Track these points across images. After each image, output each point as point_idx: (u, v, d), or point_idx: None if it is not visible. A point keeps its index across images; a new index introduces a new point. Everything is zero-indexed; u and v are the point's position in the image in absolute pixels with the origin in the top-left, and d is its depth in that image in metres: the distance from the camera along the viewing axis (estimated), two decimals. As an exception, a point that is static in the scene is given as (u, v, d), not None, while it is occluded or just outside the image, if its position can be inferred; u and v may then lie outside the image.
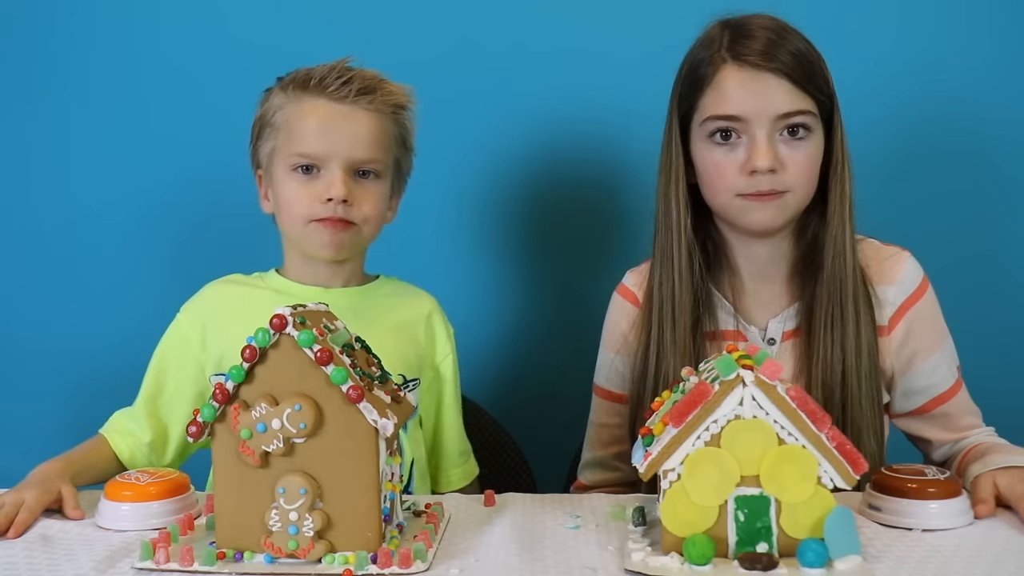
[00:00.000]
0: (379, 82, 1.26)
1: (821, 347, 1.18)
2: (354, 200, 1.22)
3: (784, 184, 1.14)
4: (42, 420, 1.76)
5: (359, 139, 1.23)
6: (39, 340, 1.77)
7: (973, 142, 1.67)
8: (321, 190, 1.21)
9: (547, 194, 1.73)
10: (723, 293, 1.25)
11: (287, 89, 1.26)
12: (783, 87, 1.13)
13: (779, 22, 1.17)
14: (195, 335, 1.27)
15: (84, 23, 1.73)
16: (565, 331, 1.72)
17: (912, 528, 0.92)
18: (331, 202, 1.21)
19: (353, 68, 1.26)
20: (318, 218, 1.22)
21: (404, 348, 1.28)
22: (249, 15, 1.71)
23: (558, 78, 1.69)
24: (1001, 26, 1.65)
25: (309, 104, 1.23)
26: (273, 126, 1.26)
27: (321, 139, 1.22)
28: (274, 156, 1.26)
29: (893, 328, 1.21)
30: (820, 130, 1.16)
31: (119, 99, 1.74)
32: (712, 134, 1.16)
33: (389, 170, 1.28)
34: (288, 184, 1.24)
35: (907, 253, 1.24)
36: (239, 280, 1.34)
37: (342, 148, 1.22)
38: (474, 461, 1.40)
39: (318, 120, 1.22)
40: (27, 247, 1.77)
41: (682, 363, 1.18)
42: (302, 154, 1.22)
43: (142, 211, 1.75)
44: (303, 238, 1.25)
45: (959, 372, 1.24)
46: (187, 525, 0.93)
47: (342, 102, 1.23)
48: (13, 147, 1.76)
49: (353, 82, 1.23)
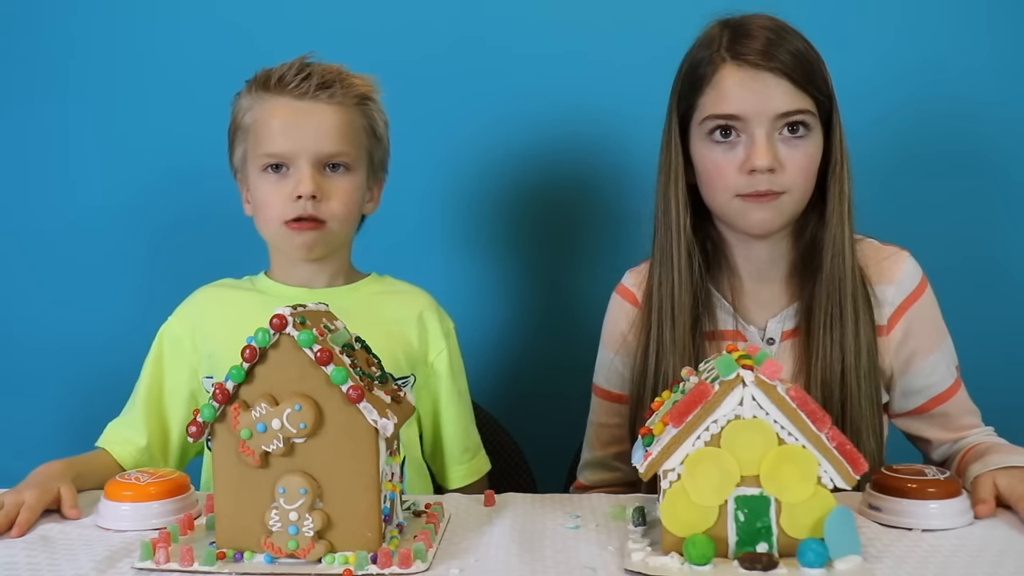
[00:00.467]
0: (339, 75, 1.26)
1: (820, 347, 1.18)
2: (324, 195, 1.23)
3: (782, 185, 1.14)
4: (40, 420, 1.76)
5: (324, 133, 1.23)
6: (36, 339, 1.77)
7: (973, 142, 1.67)
8: (291, 188, 1.22)
9: (545, 193, 1.73)
10: (722, 293, 1.25)
11: (252, 91, 1.27)
12: (782, 86, 1.13)
13: (778, 22, 1.17)
14: (186, 337, 1.28)
15: (84, 22, 1.73)
16: (565, 330, 1.72)
17: (912, 528, 0.92)
18: (300, 199, 1.22)
19: (313, 63, 1.26)
20: (289, 219, 1.23)
21: (392, 346, 1.27)
22: (248, 14, 1.71)
23: (555, 77, 1.69)
24: (1001, 26, 1.65)
25: (271, 104, 1.24)
26: (243, 129, 1.27)
27: (286, 137, 1.23)
28: (246, 159, 1.27)
29: (892, 328, 1.21)
30: (819, 130, 1.17)
31: (118, 99, 1.74)
32: (711, 132, 1.16)
33: (361, 162, 1.28)
34: (261, 186, 1.25)
35: (906, 253, 1.24)
36: (228, 284, 1.35)
37: (307, 144, 1.23)
38: (483, 457, 1.39)
39: (281, 119, 1.23)
40: (25, 246, 1.77)
41: (681, 363, 1.18)
42: (269, 154, 1.23)
43: (141, 210, 1.75)
44: (279, 240, 1.26)
45: (958, 372, 1.24)
46: (187, 525, 0.93)
47: (303, 98, 1.23)
48: (11, 146, 1.76)
49: (312, 77, 1.23)
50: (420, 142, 1.68)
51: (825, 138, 1.18)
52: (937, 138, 1.67)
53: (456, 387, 1.35)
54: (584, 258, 1.73)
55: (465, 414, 1.37)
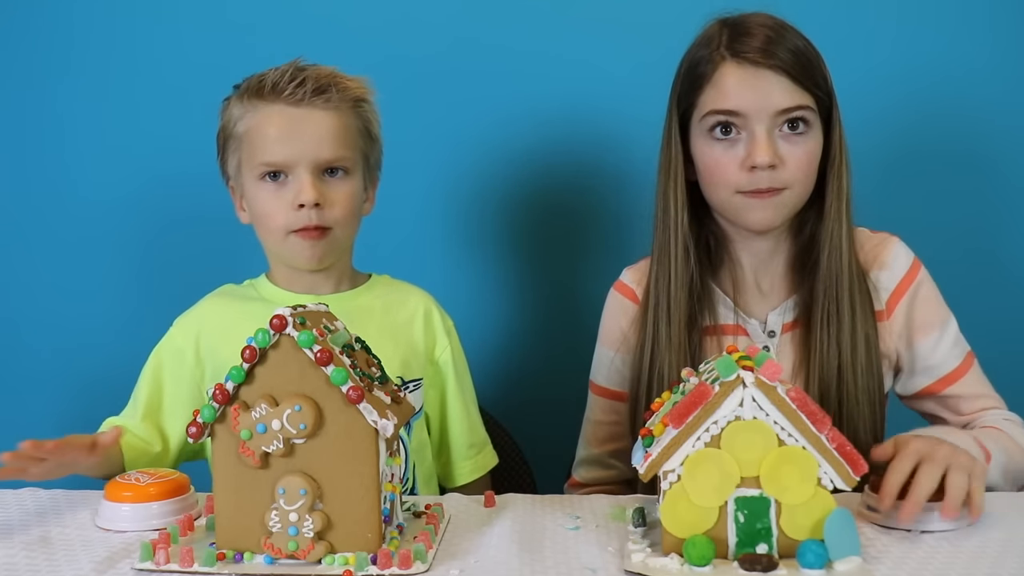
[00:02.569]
0: (334, 78, 1.24)
1: (817, 342, 1.19)
2: (326, 202, 1.21)
3: (783, 181, 1.15)
4: (39, 420, 1.75)
5: (322, 139, 1.22)
6: (37, 339, 1.77)
7: (973, 139, 1.67)
8: (292, 196, 1.21)
9: (545, 193, 1.73)
10: (723, 288, 1.26)
11: (243, 98, 1.24)
12: (782, 83, 1.14)
13: (777, 20, 1.18)
14: (189, 349, 1.26)
15: (84, 21, 1.73)
16: (565, 331, 1.72)
17: (911, 530, 0.92)
18: (304, 208, 1.20)
19: (306, 67, 1.24)
20: (294, 229, 1.22)
21: (402, 350, 1.28)
22: (247, 13, 1.71)
23: (556, 78, 1.69)
24: (1001, 25, 1.65)
25: (266, 111, 1.22)
26: (236, 137, 1.25)
27: (284, 145, 1.21)
28: (241, 168, 1.25)
29: (892, 311, 1.22)
30: (819, 126, 1.17)
31: (115, 99, 1.74)
32: (712, 129, 1.17)
33: (358, 165, 1.27)
34: (260, 195, 1.23)
35: (895, 238, 1.26)
36: (231, 292, 1.33)
37: (306, 151, 1.21)
38: (490, 451, 1.39)
39: (278, 126, 1.21)
40: (27, 245, 1.77)
41: (678, 359, 1.19)
42: (267, 163, 1.21)
43: (142, 210, 1.75)
44: (283, 250, 1.25)
45: (969, 354, 1.24)
46: (187, 526, 0.93)
47: (299, 105, 1.21)
48: (10, 144, 1.76)
49: (307, 83, 1.21)
50: (420, 142, 1.67)
51: (825, 135, 1.18)
52: (937, 135, 1.67)
53: (460, 382, 1.35)
54: (584, 258, 1.73)
55: (470, 408, 1.37)
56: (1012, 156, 1.67)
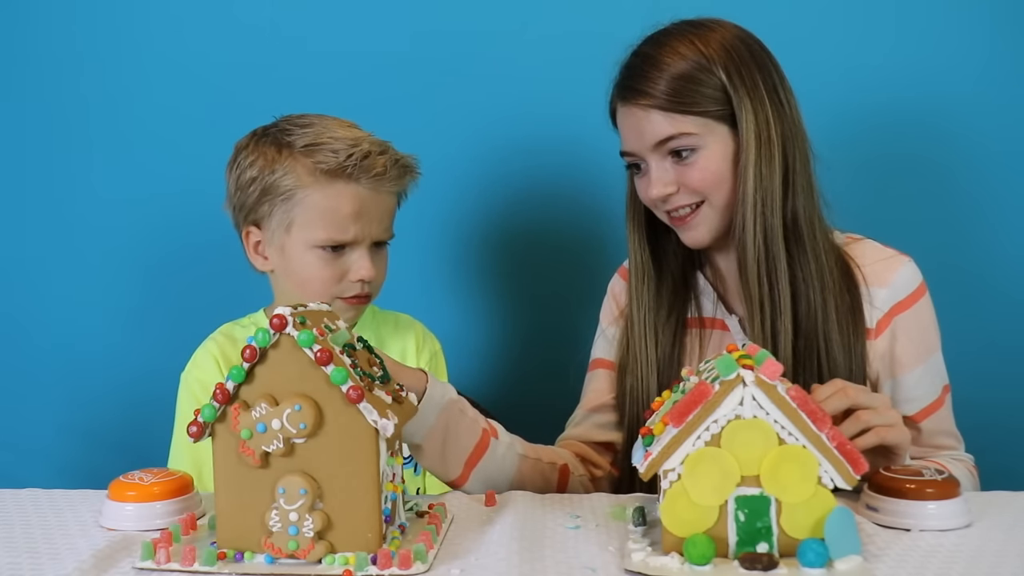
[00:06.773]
0: (403, 166, 1.28)
1: (762, 331, 1.17)
2: (373, 272, 1.27)
3: (691, 199, 1.19)
4: (39, 420, 1.76)
5: (382, 218, 1.28)
6: (38, 339, 1.77)
7: (970, 141, 1.67)
8: (346, 268, 1.25)
9: (530, 203, 1.74)
10: (709, 281, 1.30)
11: (311, 170, 1.23)
12: (653, 118, 1.16)
13: (662, 42, 1.18)
14: (214, 382, 1.26)
15: (87, 24, 1.73)
16: (555, 341, 1.73)
17: (910, 529, 0.92)
18: (359, 282, 1.25)
19: (372, 142, 1.26)
20: (344, 296, 1.26)
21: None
22: (251, 13, 1.71)
23: (530, 99, 1.70)
24: (1002, 24, 1.65)
25: (341, 189, 1.23)
26: (287, 198, 1.24)
27: (356, 225, 1.24)
28: (291, 229, 1.25)
29: (880, 333, 1.20)
30: (719, 133, 1.17)
31: (116, 101, 1.74)
32: (628, 167, 1.24)
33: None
34: (313, 262, 1.25)
35: (906, 258, 1.23)
36: (230, 334, 1.33)
37: (372, 231, 1.26)
38: None
39: (354, 208, 1.24)
40: (27, 245, 1.77)
41: (655, 353, 1.25)
42: (336, 240, 1.24)
43: (144, 211, 1.75)
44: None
45: (945, 391, 1.23)
46: (189, 525, 0.93)
47: (377, 189, 1.25)
48: (10, 144, 1.76)
49: (387, 169, 1.25)
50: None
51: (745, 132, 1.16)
52: (934, 137, 1.67)
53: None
54: (569, 267, 1.75)
55: None
56: (1013, 154, 1.67)
